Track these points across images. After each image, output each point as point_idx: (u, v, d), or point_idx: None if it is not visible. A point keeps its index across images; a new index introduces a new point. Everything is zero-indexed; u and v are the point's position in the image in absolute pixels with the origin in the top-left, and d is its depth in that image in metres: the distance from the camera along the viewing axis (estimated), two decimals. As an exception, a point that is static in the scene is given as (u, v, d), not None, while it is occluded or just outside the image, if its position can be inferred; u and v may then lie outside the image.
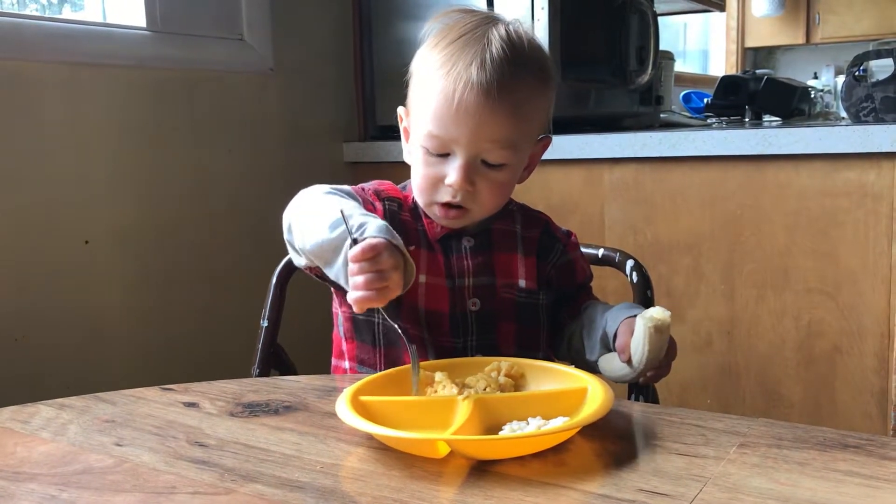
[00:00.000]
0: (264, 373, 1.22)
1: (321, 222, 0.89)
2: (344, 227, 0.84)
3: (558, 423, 0.72)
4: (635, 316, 0.90)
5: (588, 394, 0.77)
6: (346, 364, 1.05)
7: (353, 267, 0.81)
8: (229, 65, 1.88)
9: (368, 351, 1.02)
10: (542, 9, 1.88)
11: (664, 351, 0.89)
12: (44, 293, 1.56)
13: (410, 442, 0.71)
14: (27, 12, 1.72)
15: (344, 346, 1.06)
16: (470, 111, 0.91)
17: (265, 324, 1.23)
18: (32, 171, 1.54)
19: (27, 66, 1.53)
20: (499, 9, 1.92)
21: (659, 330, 0.87)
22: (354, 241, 0.82)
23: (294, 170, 2.01)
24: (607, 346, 0.97)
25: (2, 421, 0.82)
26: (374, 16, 2.16)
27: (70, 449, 0.74)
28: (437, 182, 0.96)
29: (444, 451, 0.68)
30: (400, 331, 0.87)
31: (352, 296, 0.82)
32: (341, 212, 0.85)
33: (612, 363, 0.95)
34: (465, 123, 0.92)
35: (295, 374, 1.21)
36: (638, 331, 0.88)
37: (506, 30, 0.95)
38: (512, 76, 0.92)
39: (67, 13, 1.85)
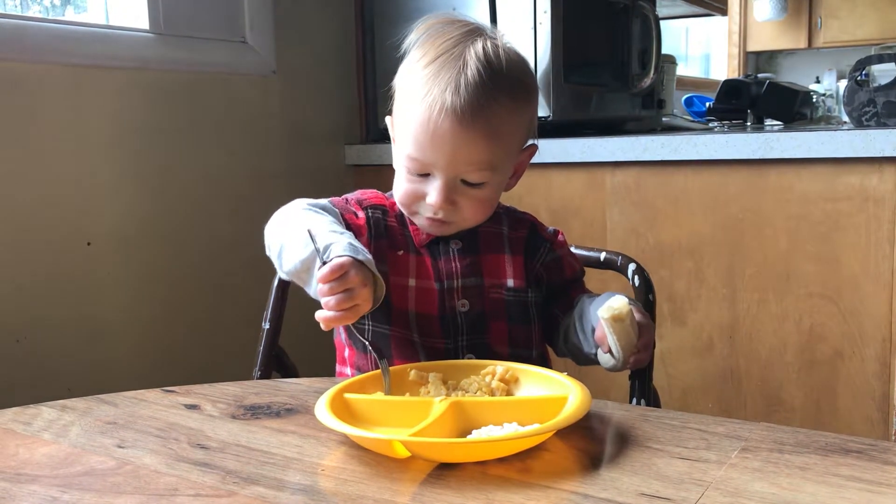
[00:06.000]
0: (266, 375, 1.22)
1: (294, 245, 0.92)
2: (313, 247, 0.87)
3: (529, 429, 0.72)
4: None
5: (568, 402, 0.76)
6: (348, 370, 1.06)
7: (322, 287, 0.83)
8: (232, 67, 1.89)
9: (362, 357, 1.04)
10: (545, 12, 1.88)
11: (634, 336, 0.91)
12: (46, 295, 1.56)
13: (370, 441, 0.72)
14: (30, 14, 1.72)
15: (346, 352, 1.07)
16: (445, 137, 0.93)
17: (267, 326, 1.23)
18: (35, 172, 1.54)
19: (30, 67, 1.53)
20: (501, 13, 1.93)
21: (617, 319, 0.89)
22: (324, 263, 0.84)
23: (296, 172, 2.01)
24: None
25: (4, 422, 0.82)
26: (376, 19, 2.16)
27: (72, 451, 0.74)
28: (418, 199, 0.99)
29: (402, 451, 0.69)
30: (369, 345, 0.90)
31: (321, 315, 0.84)
32: (308, 232, 0.88)
33: (603, 355, 0.97)
34: (441, 148, 0.94)
35: (296, 376, 1.21)
36: (602, 327, 0.91)
37: (483, 47, 0.95)
38: (487, 99, 0.93)
39: (70, 15, 1.85)
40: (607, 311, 0.89)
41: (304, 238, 0.89)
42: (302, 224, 0.92)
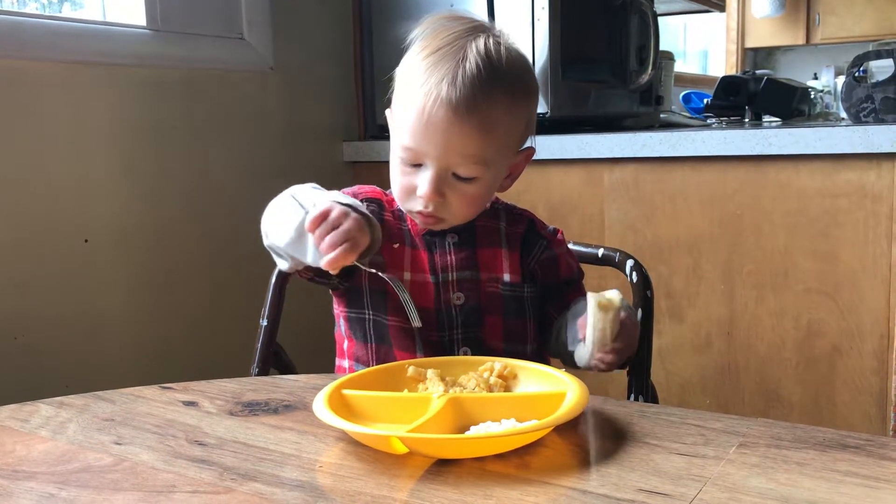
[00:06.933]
0: (264, 372, 1.22)
1: (284, 219, 0.92)
2: (302, 212, 0.88)
3: (527, 425, 0.72)
4: None
5: (566, 398, 0.76)
6: (347, 363, 1.07)
7: (313, 236, 0.85)
8: (229, 64, 1.88)
9: (362, 348, 1.04)
10: (543, 9, 1.88)
11: (611, 332, 0.89)
12: (43, 292, 1.56)
13: (368, 437, 0.72)
14: (27, 11, 1.72)
15: (345, 344, 1.07)
16: (438, 127, 0.93)
17: (264, 323, 1.23)
18: (32, 169, 1.54)
19: (27, 64, 1.53)
20: (499, 10, 1.93)
21: (603, 308, 0.88)
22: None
23: (294, 169, 2.01)
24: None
25: (1, 419, 0.82)
26: (374, 15, 2.16)
27: (69, 447, 0.74)
28: (410, 191, 0.99)
29: (400, 448, 0.69)
30: (385, 277, 0.90)
31: (323, 261, 0.85)
32: (292, 197, 0.89)
33: (578, 351, 0.96)
34: (434, 138, 0.94)
35: (294, 373, 1.21)
36: (588, 307, 0.89)
37: (485, 44, 0.96)
38: (483, 93, 0.93)
39: (67, 12, 1.85)
40: (598, 296, 0.88)
41: (292, 209, 0.90)
42: (287, 200, 0.93)
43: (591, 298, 0.89)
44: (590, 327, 0.90)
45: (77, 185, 1.60)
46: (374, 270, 0.91)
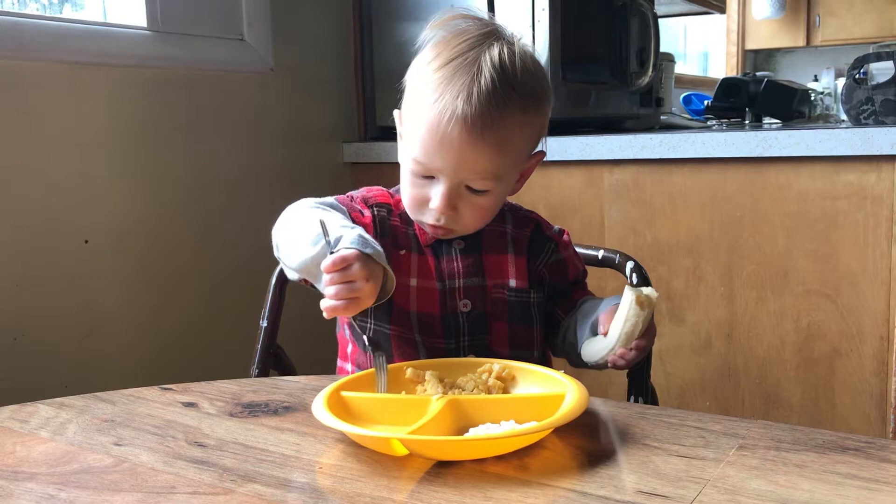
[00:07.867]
0: (263, 373, 1.22)
1: (303, 239, 0.91)
2: (323, 241, 0.87)
3: (527, 427, 0.72)
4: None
5: (565, 400, 0.76)
6: (349, 367, 1.06)
7: (325, 278, 0.84)
8: (229, 65, 1.88)
9: (364, 355, 1.04)
10: (543, 10, 1.88)
11: (640, 330, 0.88)
12: (43, 292, 1.56)
13: (367, 439, 0.72)
14: (28, 11, 1.72)
15: (349, 348, 1.07)
16: (453, 145, 0.92)
17: (264, 324, 1.23)
18: (32, 170, 1.54)
19: (27, 65, 1.53)
20: (500, 11, 1.92)
21: (640, 302, 0.86)
22: (332, 254, 0.84)
23: (294, 170, 2.01)
24: (596, 334, 0.96)
25: (1, 420, 0.82)
26: (374, 16, 2.16)
27: (69, 448, 0.74)
28: (422, 203, 0.98)
29: (400, 449, 0.69)
30: (367, 341, 0.89)
31: (323, 304, 0.85)
32: (321, 223, 0.88)
33: (591, 346, 0.95)
34: (448, 155, 0.93)
35: (294, 374, 1.21)
36: (623, 299, 0.88)
37: (499, 54, 0.93)
38: (498, 109, 0.91)
39: (68, 13, 1.85)
40: (636, 290, 0.86)
41: (314, 233, 0.89)
42: (311, 220, 0.92)
43: (630, 292, 0.87)
44: (620, 321, 0.88)
45: (77, 186, 1.60)
46: (366, 338, 0.90)
